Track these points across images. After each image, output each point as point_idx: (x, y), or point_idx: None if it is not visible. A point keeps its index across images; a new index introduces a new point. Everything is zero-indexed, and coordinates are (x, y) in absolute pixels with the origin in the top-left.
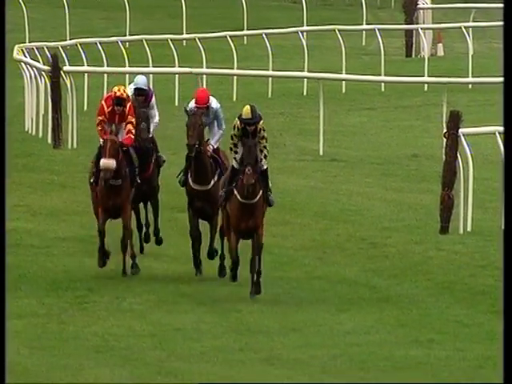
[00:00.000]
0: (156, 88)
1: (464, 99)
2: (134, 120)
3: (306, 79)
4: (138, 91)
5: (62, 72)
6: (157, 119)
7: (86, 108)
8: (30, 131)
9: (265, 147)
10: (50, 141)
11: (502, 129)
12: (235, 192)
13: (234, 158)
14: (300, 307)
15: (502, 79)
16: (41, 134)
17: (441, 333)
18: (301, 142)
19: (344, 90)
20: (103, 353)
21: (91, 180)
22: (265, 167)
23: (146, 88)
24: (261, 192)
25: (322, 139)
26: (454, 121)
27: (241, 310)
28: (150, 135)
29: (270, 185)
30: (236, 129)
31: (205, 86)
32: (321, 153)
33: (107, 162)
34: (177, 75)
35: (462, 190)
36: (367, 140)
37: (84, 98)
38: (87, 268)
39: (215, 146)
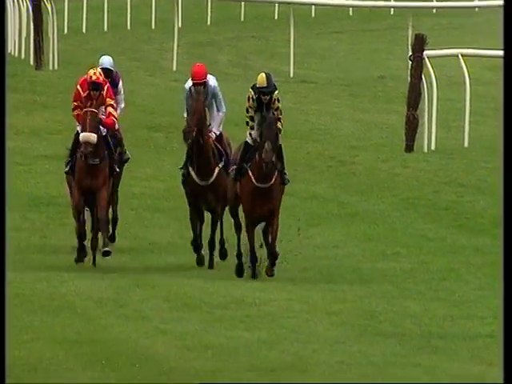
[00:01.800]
0: (134, 11)
1: (428, 23)
2: (113, 102)
3: (277, 4)
4: (104, 72)
5: None
6: (122, 105)
7: (66, 31)
8: (12, 53)
9: (279, 119)
10: (32, 62)
11: (464, 51)
12: (250, 173)
13: (250, 134)
14: None
15: (464, 3)
16: (23, 56)
17: (406, 246)
18: (272, 64)
19: (313, 15)
20: (83, 266)
21: (66, 168)
22: (279, 143)
23: (112, 68)
24: (276, 173)
25: (293, 62)
26: (419, 43)
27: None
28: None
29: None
30: (251, 100)
31: (180, 9)
32: (291, 75)
33: (88, 135)
34: None
35: (426, 110)
36: (336, 62)
37: (64, 21)
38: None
39: (217, 132)
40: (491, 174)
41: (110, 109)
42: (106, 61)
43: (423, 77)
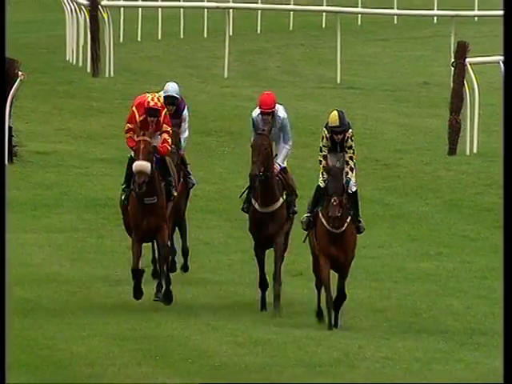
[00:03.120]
0: (186, 21)
1: (471, 31)
2: (170, 129)
3: (324, 13)
4: (169, 100)
5: (99, 6)
6: (187, 134)
7: (121, 39)
8: (70, 61)
9: (351, 158)
10: (89, 70)
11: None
12: (321, 217)
13: (322, 174)
14: None
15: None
16: (81, 64)
17: (449, 246)
18: (320, 70)
19: (360, 23)
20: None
21: (122, 197)
22: (354, 189)
23: (178, 96)
24: (349, 219)
25: (340, 68)
26: (461, 51)
27: None
28: (181, 152)
29: (360, 211)
30: (324, 139)
31: (231, 18)
32: (338, 81)
33: (141, 164)
34: (205, 9)
35: (468, 115)
36: (381, 69)
37: (120, 30)
38: None
39: (282, 165)
40: None
41: (165, 135)
42: (172, 88)
43: (465, 83)
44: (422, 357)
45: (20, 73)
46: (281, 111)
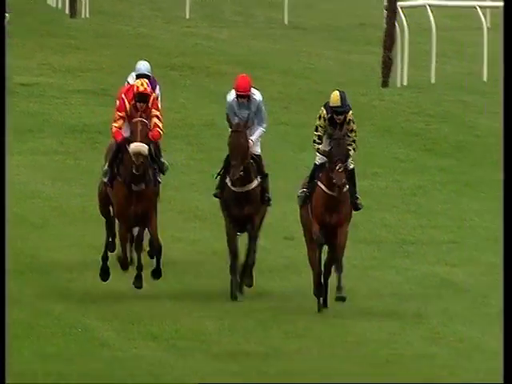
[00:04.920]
0: None
1: None
2: (159, 113)
3: None
4: (142, 78)
5: None
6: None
7: None
8: (51, 4)
9: (354, 141)
10: (67, 11)
11: (431, 2)
12: (320, 185)
13: (317, 150)
14: (267, 146)
15: None
16: (60, 6)
17: (382, 167)
18: (269, 13)
19: None
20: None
21: (105, 179)
22: (351, 166)
23: (150, 74)
24: (346, 188)
25: (287, 10)
26: None
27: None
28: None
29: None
30: (322, 119)
31: None
32: (285, 22)
33: (140, 146)
34: None
35: (399, 52)
36: (323, 11)
37: None
38: (98, 114)
39: (257, 148)
40: (454, 106)
41: (155, 120)
42: (144, 67)
43: (396, 24)
44: (359, 264)
45: (6, 14)
46: (256, 94)
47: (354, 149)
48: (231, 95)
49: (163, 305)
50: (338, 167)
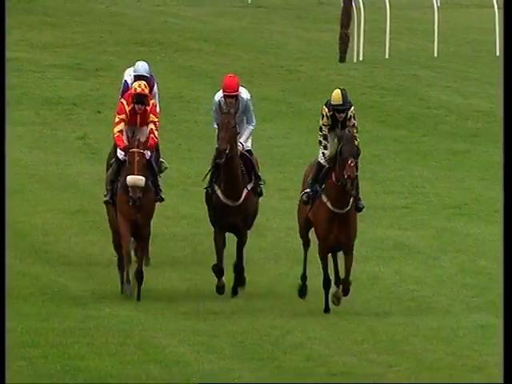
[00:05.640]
0: None
1: None
2: (156, 120)
3: None
4: (140, 79)
5: None
6: (158, 109)
7: None
8: None
9: (355, 138)
10: None
11: None
12: (323, 198)
13: (323, 154)
14: None
15: None
16: None
17: None
18: None
19: None
20: (85, 152)
21: (106, 198)
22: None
23: (148, 75)
24: (352, 199)
25: None
26: None
27: None
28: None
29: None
30: (325, 117)
31: None
32: (249, 1)
33: (136, 179)
34: None
35: (355, 29)
36: None
37: None
38: (73, 87)
39: (245, 145)
40: (407, 79)
41: (151, 126)
42: (142, 67)
43: (353, 2)
44: None
45: None
46: (244, 93)
47: (357, 144)
48: (218, 95)
49: (134, 266)
50: (350, 161)
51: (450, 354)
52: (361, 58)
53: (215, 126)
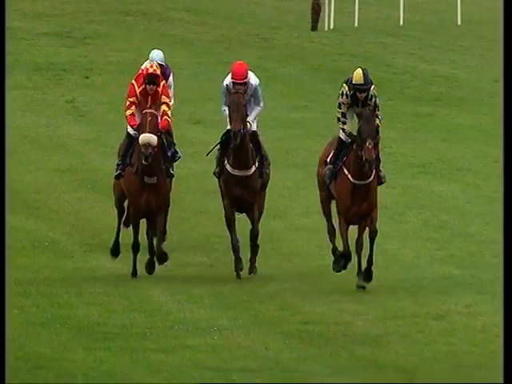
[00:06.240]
0: None
1: None
2: (168, 101)
3: None
4: None
5: None
6: (172, 101)
7: None
8: None
9: (377, 116)
10: None
11: None
12: (345, 171)
13: (343, 130)
14: (211, 81)
15: None
16: None
17: (312, 101)
18: None
19: None
20: (73, 115)
21: (116, 172)
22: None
23: (163, 63)
24: (374, 170)
25: None
26: None
27: None
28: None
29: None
30: (344, 95)
31: None
32: None
33: (148, 136)
34: None
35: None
36: None
37: None
38: (63, 54)
39: (254, 125)
40: (374, 47)
41: (164, 107)
42: (157, 56)
43: None
44: (292, 186)
45: None
46: (252, 78)
47: (379, 122)
48: (227, 79)
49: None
50: (367, 143)
51: (415, 303)
52: (331, 27)
53: (225, 108)
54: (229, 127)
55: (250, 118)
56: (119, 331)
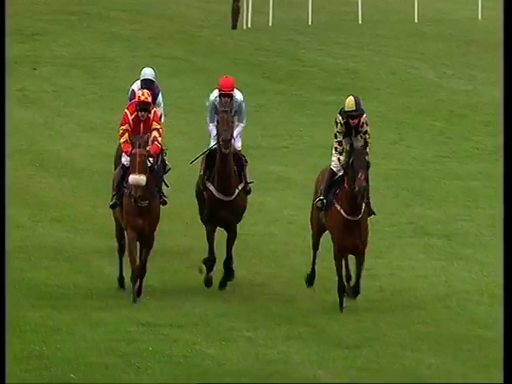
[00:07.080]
0: None
1: None
2: (159, 127)
3: None
4: (146, 83)
5: None
6: (162, 119)
7: None
8: None
9: (366, 143)
10: None
11: None
12: (337, 206)
13: (338, 159)
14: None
15: None
16: None
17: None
18: None
19: None
20: (23, 102)
21: (112, 202)
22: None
23: (154, 80)
24: (364, 205)
25: None
26: None
27: None
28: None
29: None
30: (339, 124)
31: None
32: None
33: (137, 178)
34: None
35: (245, 2)
36: None
37: None
38: (14, 48)
39: (237, 145)
40: (287, 43)
41: (155, 133)
42: (148, 72)
43: None
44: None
45: None
46: (238, 95)
47: (368, 150)
48: (214, 94)
49: (63, 193)
50: (359, 175)
51: (324, 268)
52: (249, 26)
53: (210, 125)
54: (213, 142)
55: (234, 133)
56: (64, 291)
